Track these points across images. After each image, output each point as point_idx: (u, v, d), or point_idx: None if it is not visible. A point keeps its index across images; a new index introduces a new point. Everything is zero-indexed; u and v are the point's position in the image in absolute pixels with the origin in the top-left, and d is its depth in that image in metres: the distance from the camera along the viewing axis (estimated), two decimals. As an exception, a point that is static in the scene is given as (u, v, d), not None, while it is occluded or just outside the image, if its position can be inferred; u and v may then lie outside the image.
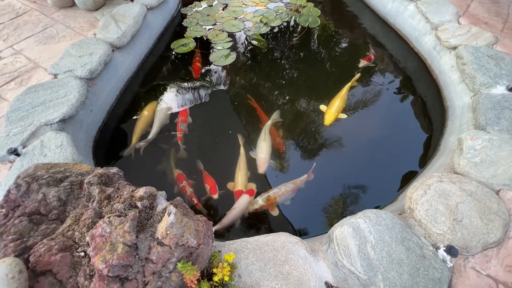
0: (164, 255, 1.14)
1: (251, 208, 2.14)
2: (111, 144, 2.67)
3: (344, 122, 2.88)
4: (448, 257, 1.47)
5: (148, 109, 2.84)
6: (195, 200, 2.21)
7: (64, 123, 2.23)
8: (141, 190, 1.28)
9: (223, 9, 4.18)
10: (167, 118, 2.82)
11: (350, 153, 2.70)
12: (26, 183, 1.32)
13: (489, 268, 1.49)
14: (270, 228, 2.21)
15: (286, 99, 3.15)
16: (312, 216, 2.30)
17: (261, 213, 2.21)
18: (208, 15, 4.05)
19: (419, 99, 3.12)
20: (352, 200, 2.33)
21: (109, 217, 1.15)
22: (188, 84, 3.19)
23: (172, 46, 3.56)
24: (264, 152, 2.46)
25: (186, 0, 4.34)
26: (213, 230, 2.00)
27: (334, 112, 2.75)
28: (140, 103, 2.97)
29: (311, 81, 3.36)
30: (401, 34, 3.68)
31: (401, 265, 1.41)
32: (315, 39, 3.93)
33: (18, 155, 1.96)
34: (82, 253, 1.14)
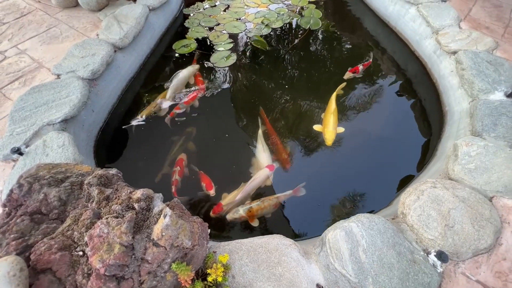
0: (159, 256, 1.18)
1: (231, 216, 2.13)
2: (112, 144, 2.72)
3: (343, 123, 2.90)
4: (439, 263, 1.50)
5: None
6: (174, 188, 2.30)
7: (66, 123, 2.28)
8: (139, 192, 1.32)
9: (225, 10, 4.21)
10: (184, 82, 3.15)
11: (349, 156, 2.72)
12: (28, 183, 1.37)
13: (479, 274, 1.52)
14: (267, 230, 2.24)
15: (285, 100, 3.18)
16: (309, 219, 2.33)
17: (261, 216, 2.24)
18: (210, 16, 4.08)
19: (419, 103, 3.13)
20: (349, 204, 2.36)
21: (107, 218, 1.19)
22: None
23: (174, 47, 3.59)
24: (267, 163, 2.46)
25: (189, 1, 4.37)
26: (234, 201, 2.20)
27: (333, 130, 2.66)
28: (142, 103, 3.02)
29: (312, 83, 3.38)
30: (402, 37, 3.69)
31: (392, 269, 1.44)
32: (316, 41, 3.95)
33: (21, 154, 2.01)
34: (81, 253, 1.18)
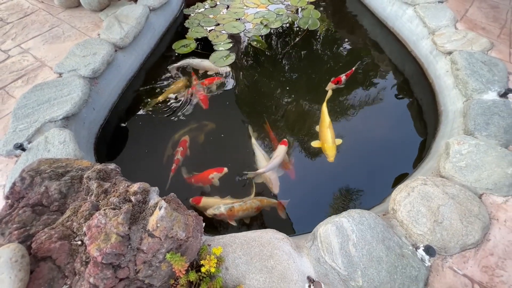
0: (154, 246, 1.23)
1: (211, 212, 2.14)
2: (112, 141, 2.78)
3: (343, 123, 2.94)
4: (427, 257, 1.54)
5: (177, 83, 3.20)
6: (174, 166, 2.43)
7: (68, 121, 2.34)
8: (135, 186, 1.37)
9: (225, 10, 4.26)
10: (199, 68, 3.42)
11: (346, 154, 2.76)
12: (30, 177, 1.43)
13: (466, 268, 1.55)
14: (263, 224, 2.29)
15: (284, 101, 3.22)
16: (304, 216, 2.37)
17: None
18: (210, 16, 4.13)
19: (416, 103, 3.17)
20: (345, 201, 2.40)
21: (105, 210, 1.25)
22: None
23: (174, 47, 3.65)
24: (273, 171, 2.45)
25: (190, 1, 4.43)
26: (257, 173, 2.35)
27: (333, 145, 2.58)
28: (142, 102, 3.08)
29: (310, 83, 3.42)
30: (400, 38, 3.72)
31: (380, 263, 1.49)
32: (315, 41, 3.99)
33: (24, 150, 2.07)
34: (79, 242, 1.24)
